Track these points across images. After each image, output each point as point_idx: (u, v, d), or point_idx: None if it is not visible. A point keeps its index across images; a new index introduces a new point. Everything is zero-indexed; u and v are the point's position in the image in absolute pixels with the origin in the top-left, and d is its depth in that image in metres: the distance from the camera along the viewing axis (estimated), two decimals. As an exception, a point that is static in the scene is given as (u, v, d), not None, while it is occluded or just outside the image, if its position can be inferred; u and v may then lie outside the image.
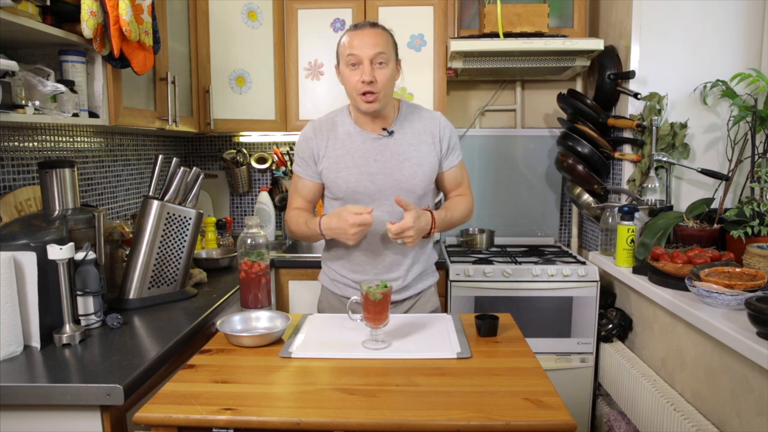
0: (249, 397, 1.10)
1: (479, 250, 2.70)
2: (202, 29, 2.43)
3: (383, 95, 1.52)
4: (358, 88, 1.50)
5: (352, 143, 1.60)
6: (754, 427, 1.44)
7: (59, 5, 1.45)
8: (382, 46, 1.50)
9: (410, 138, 1.61)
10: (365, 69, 1.49)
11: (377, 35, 1.51)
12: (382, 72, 1.51)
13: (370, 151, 1.59)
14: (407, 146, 1.60)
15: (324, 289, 1.76)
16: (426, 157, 1.61)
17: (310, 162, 1.63)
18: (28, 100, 1.34)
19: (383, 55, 1.50)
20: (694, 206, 2.15)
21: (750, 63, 2.20)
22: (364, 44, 1.49)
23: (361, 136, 1.60)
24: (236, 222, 3.02)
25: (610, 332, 2.27)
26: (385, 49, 1.51)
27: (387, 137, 1.60)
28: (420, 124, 1.63)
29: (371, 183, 1.58)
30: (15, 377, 1.15)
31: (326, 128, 1.63)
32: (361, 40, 1.50)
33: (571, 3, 2.52)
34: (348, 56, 1.51)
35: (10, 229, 1.36)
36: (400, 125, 1.62)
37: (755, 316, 1.40)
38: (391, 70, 1.54)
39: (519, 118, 2.90)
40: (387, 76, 1.51)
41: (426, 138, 1.62)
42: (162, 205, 1.64)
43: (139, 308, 1.63)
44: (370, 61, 1.49)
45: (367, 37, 1.50)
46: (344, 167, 1.58)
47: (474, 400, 1.08)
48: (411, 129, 1.62)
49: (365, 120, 1.60)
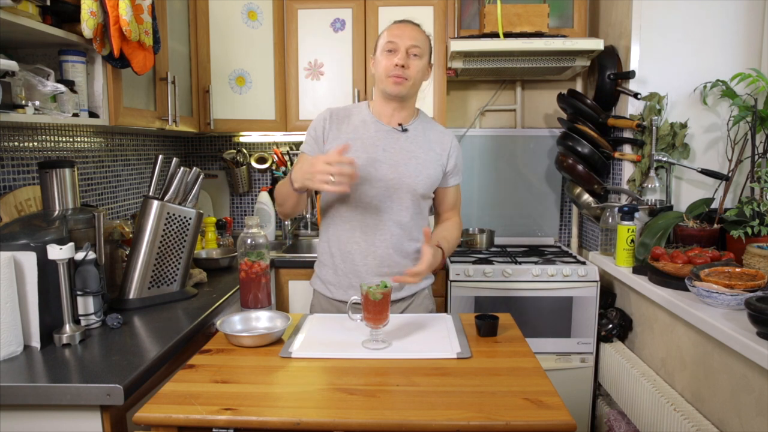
0: (249, 397, 1.10)
1: (479, 250, 2.70)
2: (202, 29, 2.44)
3: (411, 84, 1.59)
4: (390, 70, 1.57)
5: (366, 130, 1.64)
6: (754, 427, 1.44)
7: (59, 5, 1.45)
8: (420, 41, 1.59)
9: (422, 142, 1.66)
10: (401, 54, 1.56)
11: (417, 31, 1.61)
12: (415, 62, 1.58)
13: (381, 141, 1.63)
14: (417, 147, 1.65)
15: (316, 293, 1.75)
16: (432, 163, 1.66)
17: (319, 141, 1.66)
18: (28, 100, 1.34)
19: (418, 49, 1.58)
20: (694, 206, 2.15)
21: (750, 63, 2.20)
22: (403, 34, 1.58)
23: (376, 125, 1.65)
24: (236, 222, 3.02)
25: (610, 332, 2.27)
26: (422, 45, 1.59)
27: (400, 132, 1.64)
28: (433, 135, 1.70)
29: (375, 170, 1.60)
30: (15, 377, 1.15)
31: (342, 115, 1.68)
32: (401, 30, 1.59)
33: (571, 3, 2.52)
34: (387, 43, 1.58)
35: (10, 229, 1.36)
36: (414, 127, 1.68)
37: (755, 316, 1.40)
38: (424, 65, 1.61)
39: (519, 118, 2.90)
40: (419, 68, 1.59)
41: (436, 148, 1.68)
42: (162, 205, 1.64)
43: (139, 308, 1.63)
44: (406, 50, 1.57)
45: (407, 30, 1.59)
46: (353, 150, 1.60)
47: (474, 400, 1.08)
48: (424, 135, 1.68)
49: (384, 112, 1.65)
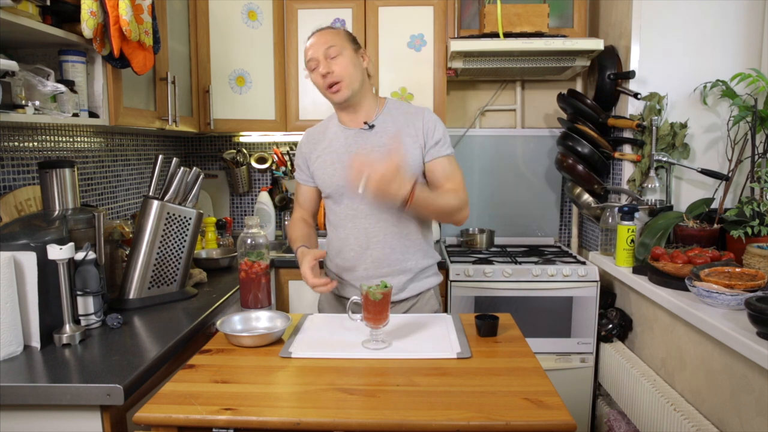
0: (249, 397, 1.10)
1: (479, 250, 2.70)
2: (202, 29, 2.44)
3: (348, 82, 1.57)
4: (322, 83, 1.58)
5: (337, 140, 1.66)
6: (754, 427, 1.44)
7: (59, 5, 1.44)
8: (331, 40, 1.58)
9: (392, 130, 1.63)
10: (321, 64, 1.57)
11: (324, 34, 1.61)
12: (337, 61, 1.57)
13: (352, 146, 1.64)
14: (389, 139, 1.61)
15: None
16: (409, 149, 1.59)
17: (303, 167, 1.73)
18: (28, 100, 1.34)
19: (334, 48, 1.57)
20: (694, 206, 2.15)
21: (750, 63, 2.20)
22: (314, 45, 1.59)
23: (345, 132, 1.66)
24: (236, 222, 3.02)
25: (610, 332, 2.27)
26: (334, 42, 1.58)
27: (368, 131, 1.64)
28: (404, 119, 1.64)
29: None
30: (15, 377, 1.15)
31: (317, 132, 1.73)
32: (311, 45, 1.60)
33: (571, 3, 2.52)
34: (308, 62, 1.61)
35: (10, 229, 1.36)
36: (382, 120, 1.65)
37: (755, 316, 1.40)
38: (349, 58, 1.59)
39: (519, 118, 2.90)
40: (343, 65, 1.57)
41: (410, 131, 1.61)
42: (162, 205, 1.64)
43: (139, 308, 1.63)
44: (324, 57, 1.57)
45: (315, 40, 1.60)
46: (330, 163, 1.64)
47: (474, 400, 1.08)
48: (393, 123, 1.64)
49: (347, 117, 1.67)
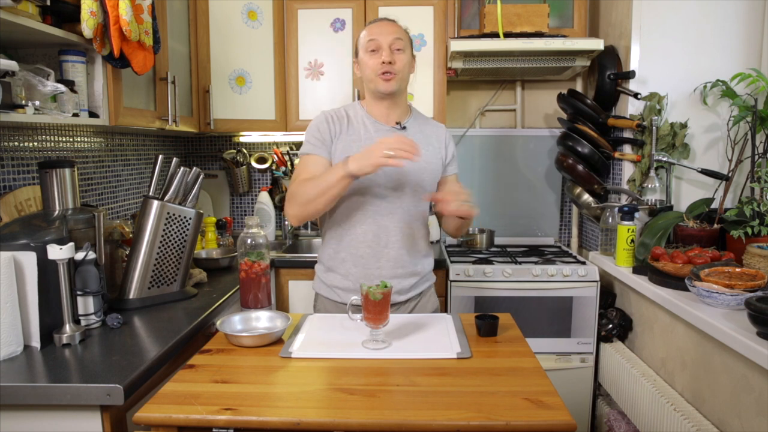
0: (249, 397, 1.10)
1: (479, 250, 2.70)
2: (202, 29, 2.43)
3: (400, 78, 1.61)
4: (378, 68, 1.59)
5: (366, 131, 1.64)
6: (754, 427, 1.44)
7: (59, 5, 1.44)
8: (400, 33, 1.62)
9: (420, 138, 1.66)
10: (385, 52, 1.58)
11: (394, 25, 1.64)
12: (400, 56, 1.60)
13: None
14: (418, 143, 1.59)
15: (320, 297, 1.73)
16: (433, 157, 1.68)
17: (327, 141, 1.61)
18: (28, 100, 1.34)
19: (401, 42, 1.60)
20: (694, 206, 2.15)
21: (750, 63, 2.20)
22: (383, 32, 1.60)
23: (375, 126, 1.66)
24: (236, 222, 3.02)
25: (610, 332, 2.27)
26: (403, 37, 1.62)
27: (400, 131, 1.66)
28: (428, 129, 1.73)
29: (381, 171, 1.58)
30: (15, 377, 1.15)
31: (340, 115, 1.67)
32: (381, 28, 1.61)
33: (571, 3, 2.52)
34: (369, 42, 1.60)
35: (10, 229, 1.36)
36: (411, 123, 1.70)
37: (755, 316, 1.40)
38: (408, 58, 1.63)
39: (519, 118, 2.90)
40: (404, 61, 1.61)
41: (434, 142, 1.70)
42: (162, 205, 1.64)
43: (139, 308, 1.63)
44: (389, 46, 1.58)
45: (385, 27, 1.62)
46: (355, 152, 1.53)
47: (474, 400, 1.08)
48: (421, 130, 1.70)
49: (379, 112, 1.66)
